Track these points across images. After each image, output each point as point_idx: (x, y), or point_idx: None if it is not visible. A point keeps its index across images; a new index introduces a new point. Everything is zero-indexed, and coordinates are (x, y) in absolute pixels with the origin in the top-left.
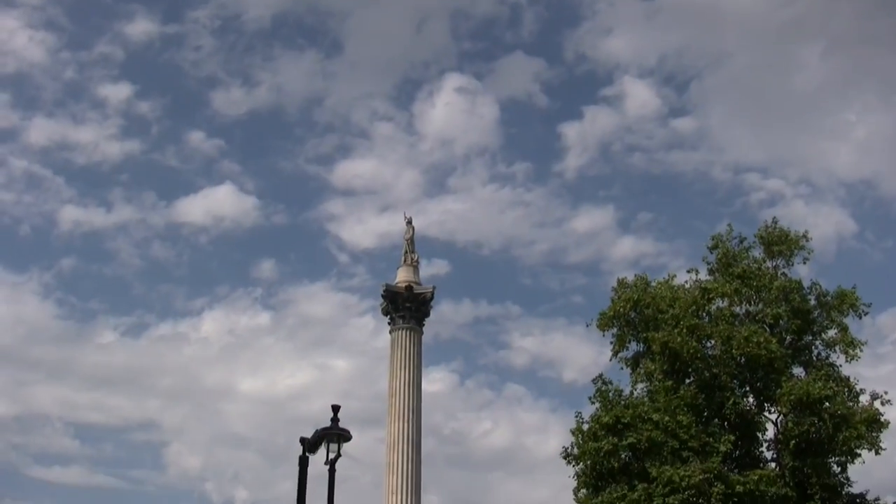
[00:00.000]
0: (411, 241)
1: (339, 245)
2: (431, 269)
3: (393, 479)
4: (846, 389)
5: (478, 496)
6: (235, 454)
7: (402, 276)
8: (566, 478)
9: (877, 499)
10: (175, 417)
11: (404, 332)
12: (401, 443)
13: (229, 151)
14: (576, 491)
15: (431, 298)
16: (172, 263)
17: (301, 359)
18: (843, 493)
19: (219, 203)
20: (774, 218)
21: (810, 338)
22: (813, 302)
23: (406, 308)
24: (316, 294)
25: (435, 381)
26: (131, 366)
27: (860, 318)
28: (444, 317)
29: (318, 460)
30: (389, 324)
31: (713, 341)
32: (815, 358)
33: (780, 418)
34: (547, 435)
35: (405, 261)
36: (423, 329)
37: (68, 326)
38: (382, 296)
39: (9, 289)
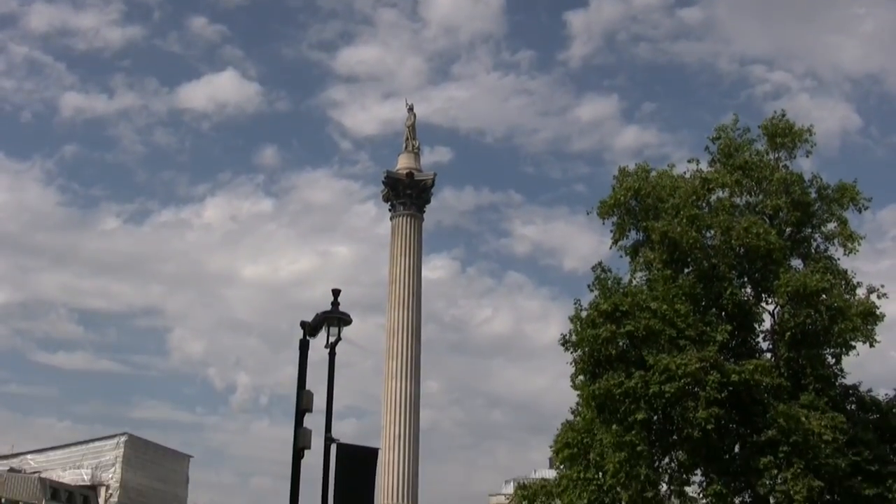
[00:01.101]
0: (413, 128)
1: (341, 132)
2: (434, 157)
3: (393, 363)
4: (843, 282)
5: (478, 382)
6: (238, 339)
7: (402, 163)
8: (564, 365)
9: (869, 390)
10: (178, 303)
11: (405, 218)
12: (401, 329)
13: (232, 37)
14: (573, 377)
15: (432, 185)
16: (174, 150)
17: (303, 245)
18: (837, 384)
19: (221, 89)
20: (782, 110)
21: (809, 230)
22: (813, 195)
23: (407, 195)
24: (318, 180)
25: (436, 269)
26: (134, 252)
27: (860, 212)
28: (447, 204)
29: (318, 345)
30: (390, 210)
31: (713, 231)
32: (813, 250)
33: (776, 309)
34: (547, 323)
35: (406, 148)
36: (424, 216)
37: (71, 213)
38: (383, 182)
39: (11, 176)
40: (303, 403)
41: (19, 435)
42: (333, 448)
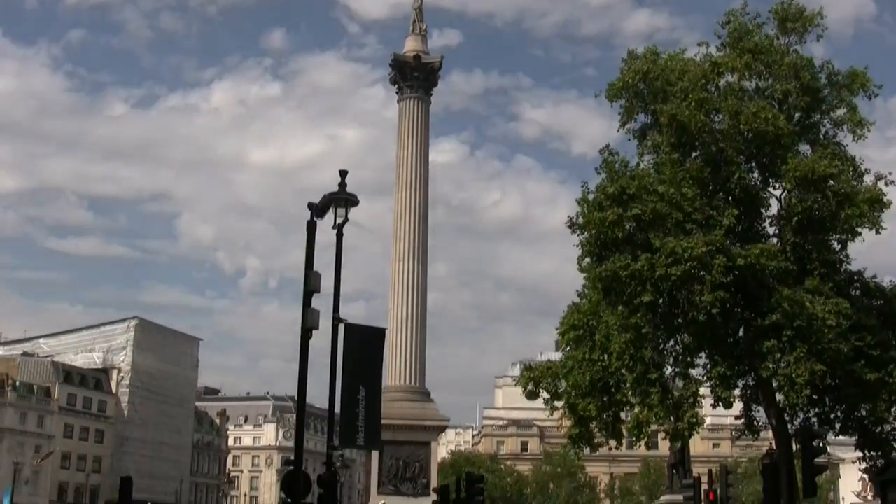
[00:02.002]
0: (420, 10)
1: (349, 14)
2: (443, 40)
3: (400, 246)
4: (851, 168)
5: (485, 265)
6: (247, 224)
7: (410, 46)
8: (572, 248)
9: (874, 277)
10: (187, 188)
11: (412, 101)
12: (407, 211)
13: None
14: (580, 260)
15: (439, 68)
16: (181, 34)
17: (311, 129)
18: (842, 270)
19: None
20: None
21: (818, 116)
22: (823, 80)
23: (414, 78)
24: (326, 64)
25: (445, 152)
26: (142, 137)
27: (870, 98)
28: (455, 88)
29: (327, 228)
30: (397, 94)
31: (721, 115)
32: (822, 136)
33: (783, 194)
34: (555, 206)
35: (413, 30)
36: (432, 99)
37: (78, 99)
38: (390, 65)
39: (17, 62)
40: (310, 284)
41: (32, 320)
42: (341, 328)
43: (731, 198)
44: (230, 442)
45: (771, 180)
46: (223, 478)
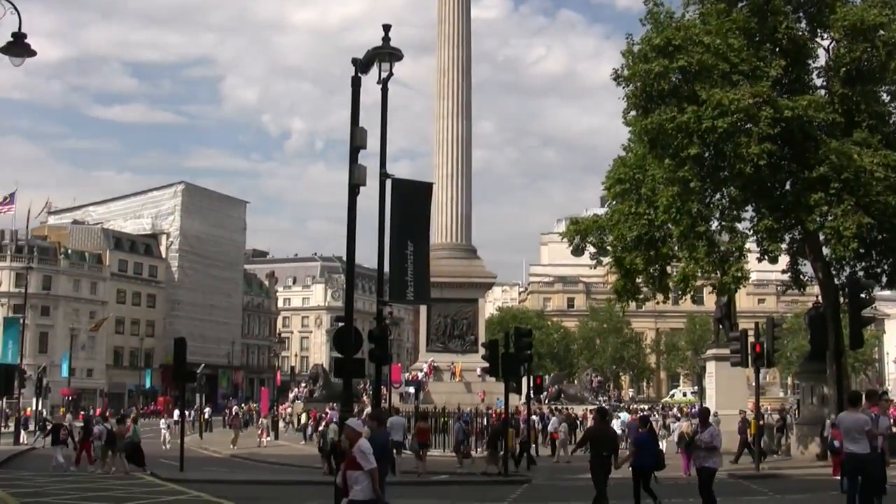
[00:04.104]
0: None
1: None
2: None
3: (443, 103)
4: None
5: (530, 122)
6: (290, 85)
7: None
8: (617, 103)
9: None
10: (229, 52)
11: None
12: (450, 68)
13: None
14: (625, 113)
15: None
16: None
17: None
18: (891, 121)
19: None
20: None
21: None
22: None
23: None
24: None
25: (489, 7)
26: (183, 2)
27: None
28: None
29: (371, 88)
30: None
31: None
32: None
33: (832, 44)
34: (600, 61)
35: None
36: None
37: None
38: None
39: None
40: (356, 140)
41: (81, 188)
42: (388, 184)
43: (778, 48)
44: (279, 303)
45: (819, 30)
46: (274, 339)
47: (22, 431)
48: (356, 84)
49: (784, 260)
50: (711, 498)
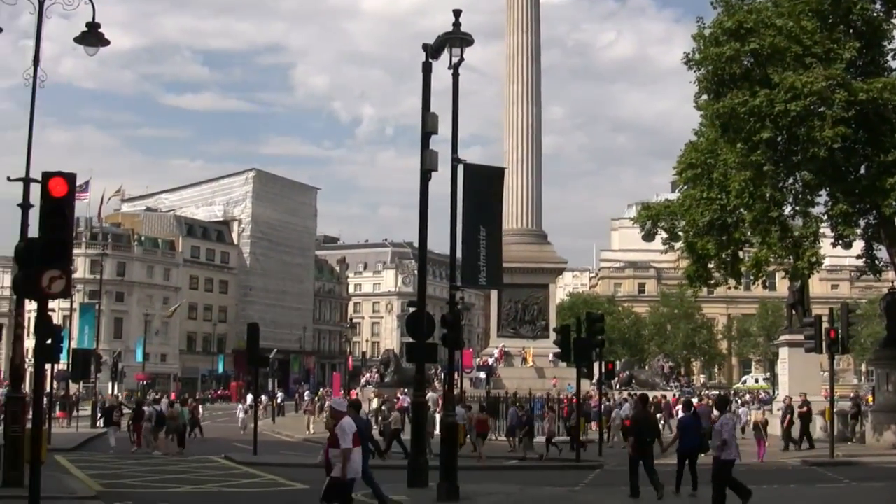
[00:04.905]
0: None
1: None
2: None
3: (513, 88)
4: None
5: (601, 107)
6: (361, 72)
7: None
8: (688, 87)
9: None
10: (300, 39)
11: None
12: (520, 52)
13: None
14: (697, 98)
15: None
16: None
17: None
18: None
19: None
20: None
21: None
22: None
23: None
24: None
25: None
26: None
27: None
28: None
29: (442, 75)
30: None
31: None
32: None
33: None
34: (671, 45)
35: None
36: None
37: None
38: None
39: None
40: (428, 125)
41: (154, 176)
42: (460, 169)
43: (851, 30)
44: (350, 289)
45: (894, 11)
46: (345, 324)
47: (99, 415)
48: (427, 69)
49: (858, 245)
50: (722, 492)
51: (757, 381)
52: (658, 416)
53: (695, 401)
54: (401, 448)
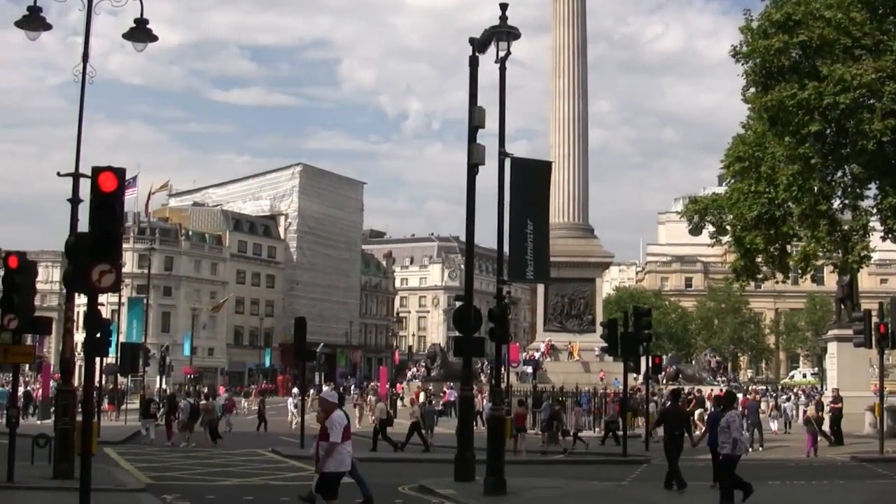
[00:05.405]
0: None
1: None
2: None
3: (559, 82)
4: None
5: (647, 100)
6: (407, 67)
7: None
8: (736, 80)
9: None
10: (346, 34)
11: None
12: (566, 47)
13: None
14: (744, 90)
15: None
16: None
17: None
18: None
19: None
20: None
21: None
22: None
23: None
24: None
25: None
26: None
27: None
28: None
29: (488, 69)
30: None
31: None
32: None
33: None
34: (718, 38)
35: None
36: None
37: None
38: None
39: None
40: (475, 119)
41: (201, 171)
42: (507, 163)
43: None
44: (396, 283)
45: None
46: (391, 318)
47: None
48: (474, 63)
49: None
50: (730, 487)
51: (805, 376)
52: (699, 411)
53: (741, 396)
54: (421, 440)
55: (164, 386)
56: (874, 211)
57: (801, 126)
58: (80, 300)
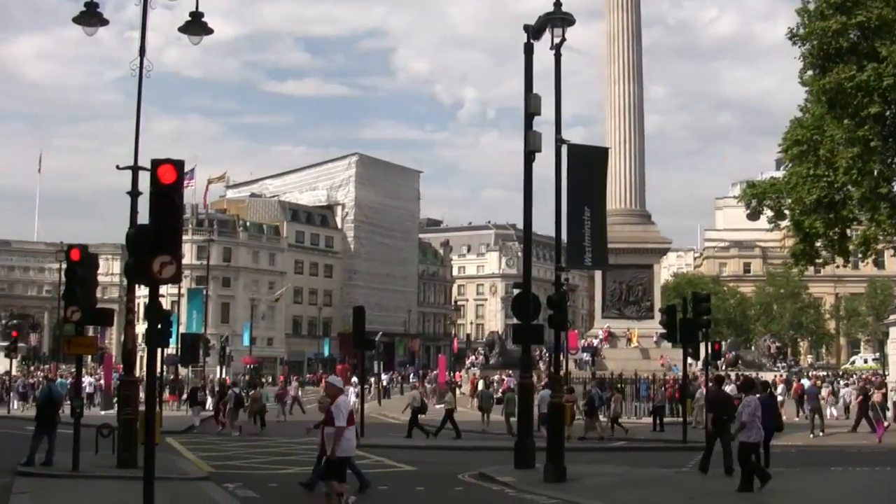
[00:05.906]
0: None
1: None
2: None
3: (614, 67)
4: None
5: (703, 85)
6: (462, 55)
7: None
8: (793, 63)
9: None
10: (401, 23)
11: None
12: (620, 31)
13: None
14: (802, 73)
15: None
16: None
17: None
18: None
19: None
20: None
21: None
22: None
23: None
24: None
25: None
26: None
27: None
28: None
29: (543, 56)
30: None
31: None
32: None
33: None
34: (774, 22)
35: None
36: None
37: None
38: None
39: None
40: (531, 107)
41: (257, 162)
42: (564, 150)
43: None
44: (454, 271)
45: None
46: (449, 306)
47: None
48: (529, 51)
49: None
50: (749, 472)
51: (866, 361)
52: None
53: (806, 382)
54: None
55: (224, 375)
56: None
57: (860, 108)
58: (141, 292)
